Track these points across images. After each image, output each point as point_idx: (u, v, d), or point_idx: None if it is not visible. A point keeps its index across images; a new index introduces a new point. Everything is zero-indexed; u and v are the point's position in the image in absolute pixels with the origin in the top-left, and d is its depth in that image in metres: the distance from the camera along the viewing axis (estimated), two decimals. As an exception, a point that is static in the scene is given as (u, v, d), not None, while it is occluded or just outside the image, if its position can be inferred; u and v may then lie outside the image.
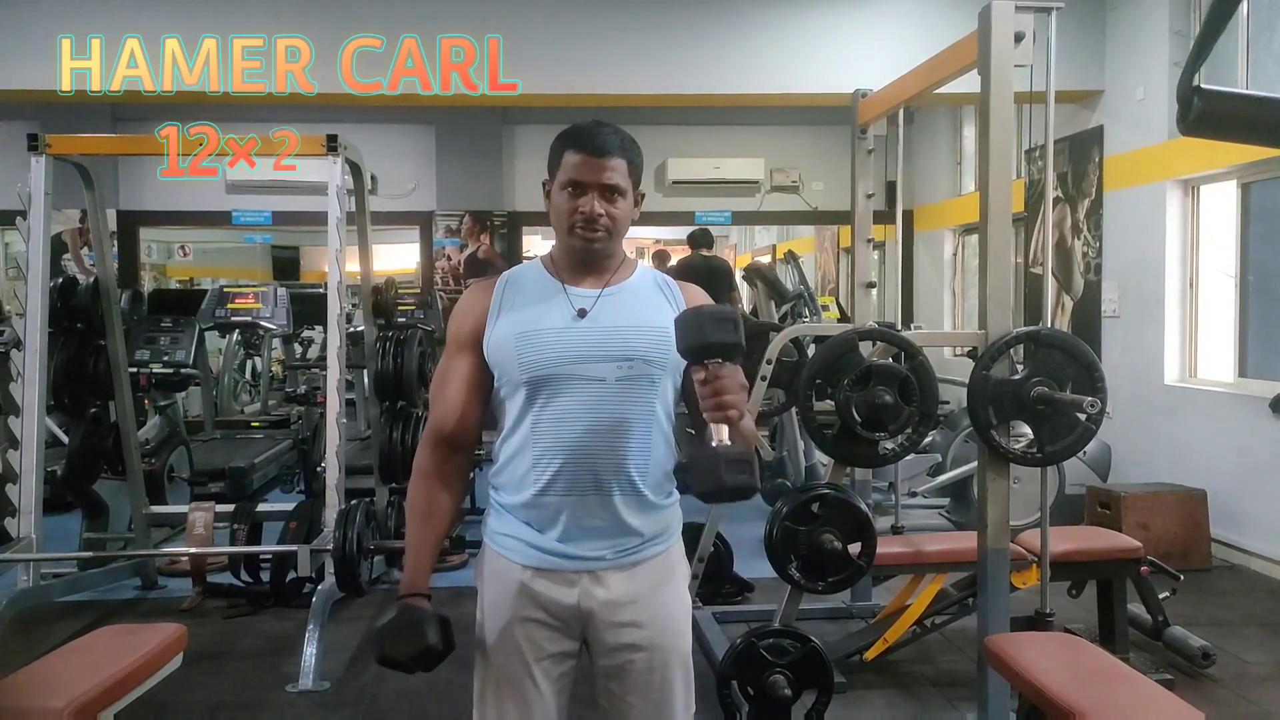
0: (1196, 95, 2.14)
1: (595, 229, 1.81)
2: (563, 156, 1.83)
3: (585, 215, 1.80)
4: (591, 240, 1.82)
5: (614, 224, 1.83)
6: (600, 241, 1.83)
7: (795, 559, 3.24)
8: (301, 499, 5.56)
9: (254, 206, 9.08)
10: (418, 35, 6.14)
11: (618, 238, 1.86)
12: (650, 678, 1.86)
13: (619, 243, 1.89)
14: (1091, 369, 3.12)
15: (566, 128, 1.86)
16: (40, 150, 4.38)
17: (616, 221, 1.83)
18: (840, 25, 6.44)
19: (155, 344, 6.28)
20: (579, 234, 1.82)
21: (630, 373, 1.80)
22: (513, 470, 1.83)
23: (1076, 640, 3.02)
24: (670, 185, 9.23)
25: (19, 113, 7.92)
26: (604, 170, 1.80)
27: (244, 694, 3.79)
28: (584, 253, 1.84)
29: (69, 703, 2.39)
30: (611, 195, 1.82)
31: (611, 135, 1.83)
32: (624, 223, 1.85)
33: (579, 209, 1.81)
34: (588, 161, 1.80)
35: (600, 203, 1.80)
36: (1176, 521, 5.29)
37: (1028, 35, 3.04)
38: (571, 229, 1.82)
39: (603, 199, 1.81)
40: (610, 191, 1.81)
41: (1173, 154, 5.89)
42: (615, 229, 1.83)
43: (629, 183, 1.84)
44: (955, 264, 9.25)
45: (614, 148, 1.81)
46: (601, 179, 1.80)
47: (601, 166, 1.80)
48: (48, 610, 4.53)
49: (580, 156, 1.80)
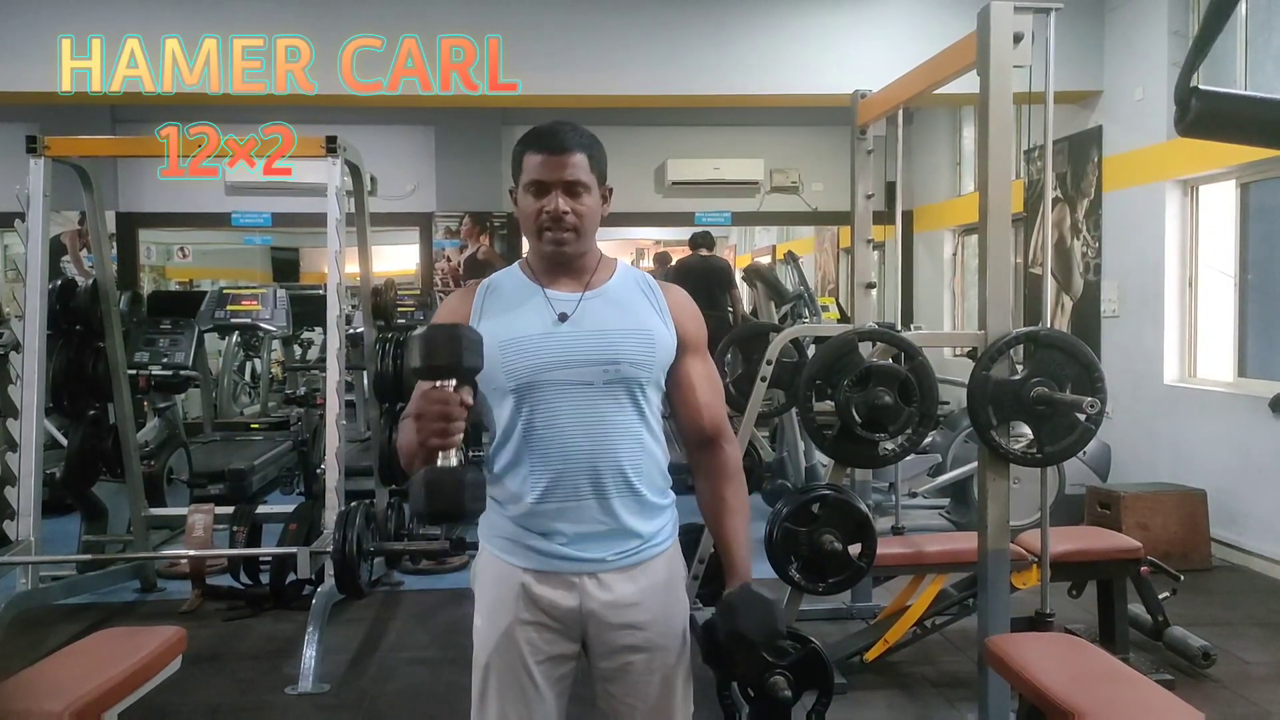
0: (1194, 96, 2.14)
1: (563, 227, 1.80)
2: (523, 160, 1.83)
3: (551, 214, 1.79)
4: (561, 242, 1.81)
5: (581, 221, 1.82)
6: (569, 242, 1.82)
7: (795, 560, 3.24)
8: (301, 501, 5.55)
9: (253, 208, 9.07)
10: (417, 35, 6.14)
11: (587, 236, 1.85)
12: (650, 679, 1.86)
13: (590, 240, 1.87)
14: (1091, 369, 3.12)
15: (525, 131, 1.85)
16: (39, 152, 4.38)
17: (583, 218, 1.82)
18: (840, 26, 6.45)
19: (154, 346, 6.27)
20: (548, 236, 1.81)
21: (616, 376, 1.80)
22: (510, 479, 1.83)
23: (1077, 641, 3.02)
24: (670, 186, 9.24)
25: (18, 114, 7.92)
26: (565, 167, 1.79)
27: (244, 696, 3.79)
28: (555, 256, 1.83)
29: (68, 705, 2.39)
30: (575, 191, 1.81)
31: (570, 132, 1.82)
32: (591, 219, 1.84)
33: (544, 209, 1.80)
34: (547, 160, 1.79)
35: (565, 200, 1.80)
36: (1176, 521, 5.28)
37: (1026, 36, 3.04)
38: (540, 231, 1.82)
39: (567, 195, 1.80)
40: (573, 187, 1.80)
41: (1172, 154, 5.89)
42: (583, 226, 1.82)
43: (592, 178, 1.83)
44: (955, 264, 9.25)
45: (573, 144, 1.81)
46: (563, 176, 1.79)
47: (562, 164, 1.79)
48: (47, 613, 4.53)
49: (540, 156, 1.80)
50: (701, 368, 1.93)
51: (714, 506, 1.93)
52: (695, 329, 1.93)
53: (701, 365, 1.93)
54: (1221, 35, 2.28)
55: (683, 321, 1.91)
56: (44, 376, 4.43)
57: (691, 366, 1.91)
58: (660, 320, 1.87)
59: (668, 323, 1.88)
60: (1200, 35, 2.22)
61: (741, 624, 1.78)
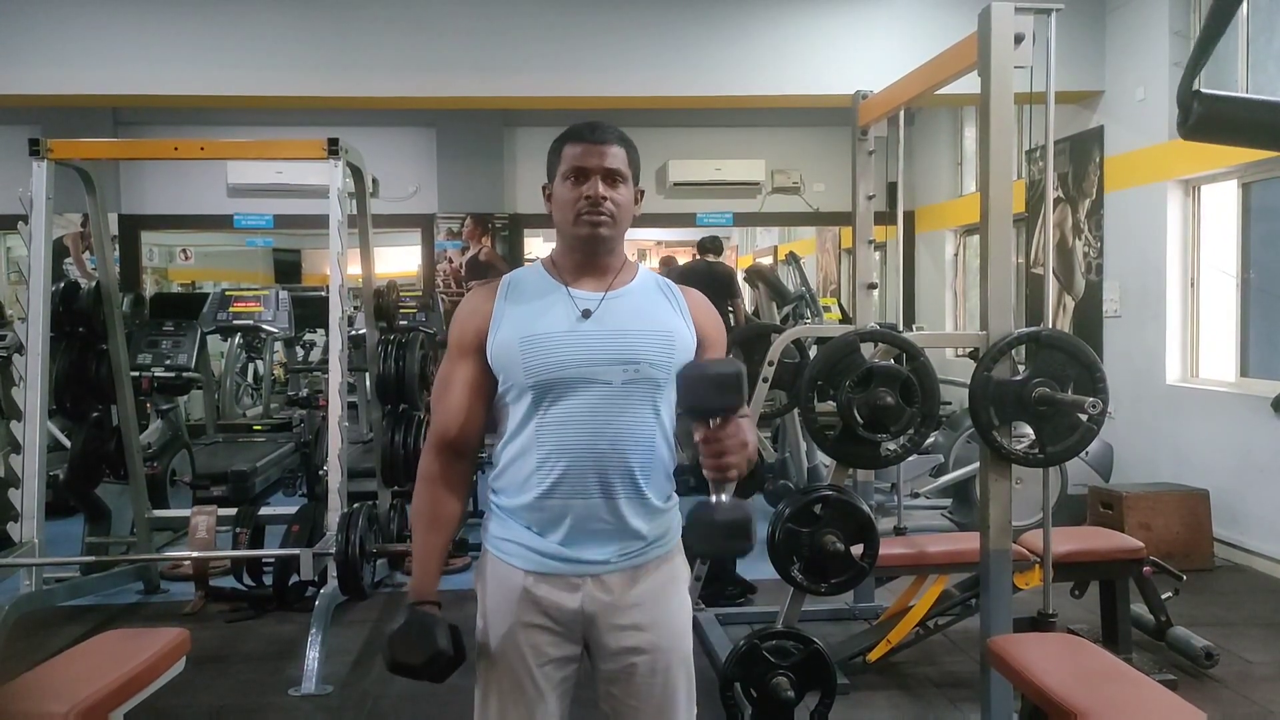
0: (1196, 100, 2.14)
1: (600, 212, 1.82)
2: (562, 151, 1.85)
3: (590, 199, 1.81)
4: (597, 224, 1.82)
5: (618, 209, 1.84)
6: (606, 226, 1.83)
7: (798, 561, 3.24)
8: (304, 502, 5.55)
9: (255, 210, 9.09)
10: (418, 35, 6.15)
11: (621, 226, 1.86)
12: (653, 681, 1.86)
13: (621, 235, 1.89)
14: (1093, 369, 3.12)
15: (564, 130, 1.88)
16: (42, 155, 4.38)
17: (620, 207, 1.84)
18: (841, 27, 6.45)
19: (157, 348, 6.28)
20: (585, 220, 1.82)
21: (636, 376, 1.80)
22: (515, 473, 1.83)
23: (1079, 641, 3.02)
24: (671, 187, 9.24)
25: (20, 117, 7.93)
26: (605, 155, 1.82)
27: (247, 698, 3.79)
28: (589, 241, 1.84)
29: (72, 707, 2.39)
30: (614, 180, 1.83)
31: (609, 128, 1.87)
32: (626, 211, 1.86)
33: (583, 194, 1.82)
34: (589, 149, 1.82)
35: (604, 186, 1.82)
36: (1179, 521, 5.28)
37: (1028, 36, 3.03)
38: (577, 216, 1.83)
39: (606, 183, 1.82)
40: (612, 176, 1.83)
41: (1173, 154, 5.89)
42: (619, 215, 1.84)
43: (629, 171, 1.86)
44: (956, 265, 9.25)
45: (613, 137, 1.85)
46: (604, 164, 1.82)
47: (602, 153, 1.82)
48: (50, 615, 4.53)
49: (581, 146, 1.83)
50: None
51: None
52: (715, 330, 1.95)
53: None
54: (1223, 37, 2.28)
55: (702, 323, 1.92)
56: (47, 378, 4.43)
57: None
58: (681, 321, 1.89)
59: (688, 324, 1.89)
60: (1201, 39, 2.22)
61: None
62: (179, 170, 8.77)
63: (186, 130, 8.34)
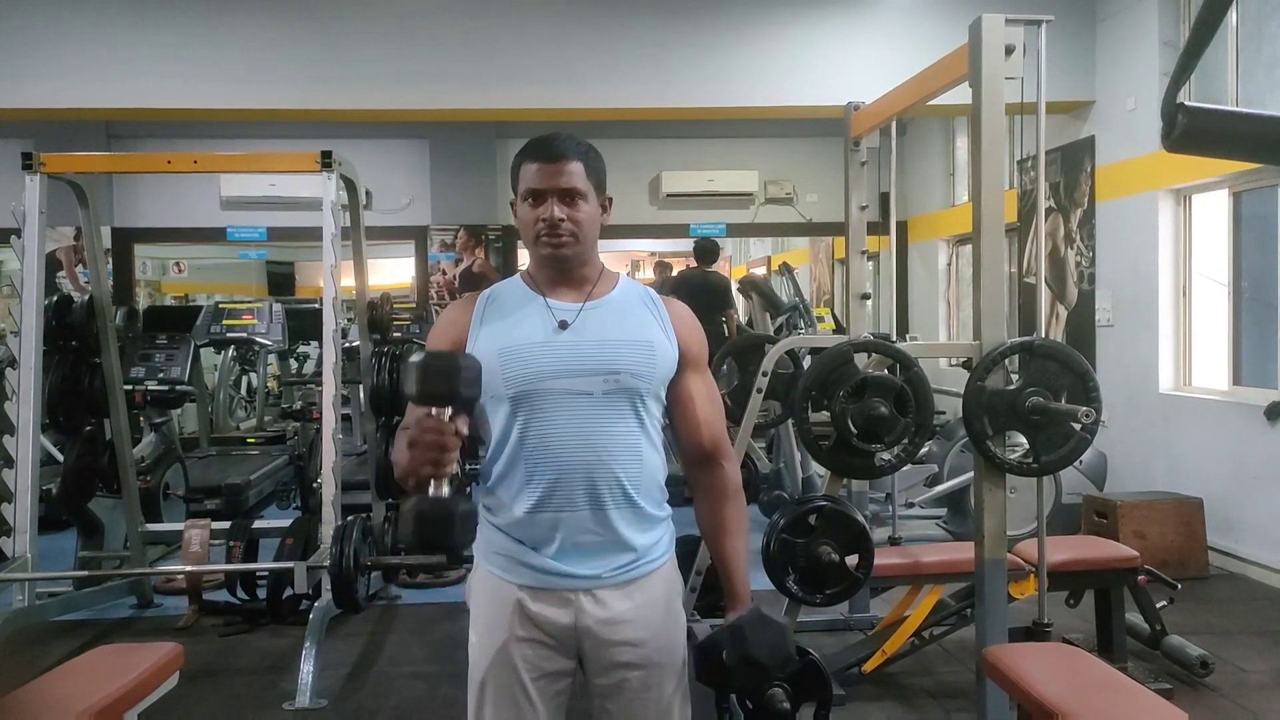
0: (1180, 112, 2.16)
1: (559, 234, 1.81)
2: (521, 170, 1.84)
3: (547, 221, 1.80)
4: (558, 246, 1.82)
5: (578, 228, 1.82)
6: (568, 246, 1.82)
7: (793, 571, 3.23)
8: (298, 515, 5.54)
9: (249, 222, 9.08)
10: (410, 48, 6.16)
11: (586, 243, 1.85)
12: (647, 695, 1.85)
13: (590, 249, 1.88)
14: (1086, 378, 3.13)
15: (524, 143, 1.87)
16: (35, 169, 4.38)
17: (580, 225, 1.82)
18: (833, 38, 6.47)
19: (150, 361, 6.27)
20: (544, 241, 1.82)
21: (617, 386, 1.80)
22: (504, 489, 1.82)
23: (1074, 650, 3.02)
24: (664, 198, 9.26)
25: (13, 130, 7.93)
26: (560, 175, 1.80)
27: (241, 712, 3.77)
28: (554, 260, 1.84)
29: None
30: (571, 199, 1.81)
31: (565, 141, 1.83)
32: (589, 226, 1.84)
33: (540, 216, 1.81)
34: (543, 169, 1.81)
35: (560, 207, 1.80)
36: (1173, 530, 5.29)
37: (1018, 47, 3.05)
38: (537, 238, 1.82)
39: (562, 203, 1.81)
40: (569, 195, 1.81)
41: (1164, 163, 5.91)
42: (580, 233, 1.83)
43: (589, 186, 1.84)
44: (950, 274, 9.27)
45: (568, 152, 1.82)
46: (559, 184, 1.80)
47: (557, 171, 1.80)
48: (43, 630, 4.51)
49: (536, 165, 1.82)
50: (702, 384, 1.93)
51: (714, 528, 1.94)
52: (697, 344, 1.93)
53: (702, 381, 1.93)
54: (1211, 45, 2.29)
55: (685, 336, 1.90)
56: (40, 392, 4.42)
57: (692, 382, 1.91)
58: (662, 332, 1.87)
59: (670, 335, 1.88)
60: (1185, 53, 2.23)
61: (754, 649, 1.78)
62: (172, 183, 8.76)
63: (179, 144, 8.33)
